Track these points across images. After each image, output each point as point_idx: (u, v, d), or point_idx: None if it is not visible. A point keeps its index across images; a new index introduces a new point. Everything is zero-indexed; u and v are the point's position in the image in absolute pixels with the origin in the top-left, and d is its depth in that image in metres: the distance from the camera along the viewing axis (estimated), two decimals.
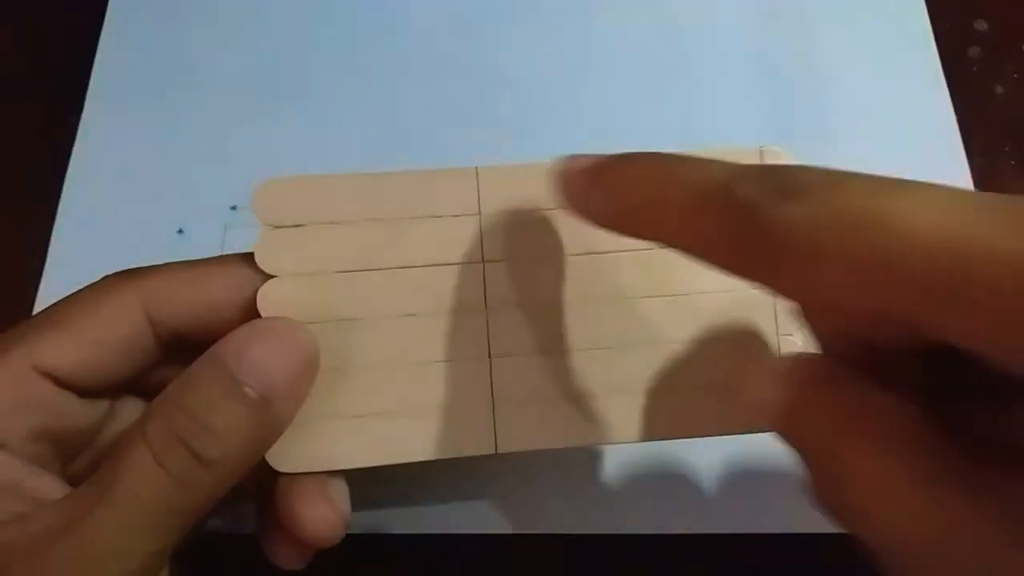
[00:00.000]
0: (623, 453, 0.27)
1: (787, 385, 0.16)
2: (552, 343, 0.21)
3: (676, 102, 0.33)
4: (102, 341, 0.19)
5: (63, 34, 0.35)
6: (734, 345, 0.21)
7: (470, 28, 0.34)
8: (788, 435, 0.16)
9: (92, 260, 0.22)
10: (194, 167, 0.32)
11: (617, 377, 0.21)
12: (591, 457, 0.27)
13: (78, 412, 0.19)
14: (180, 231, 0.30)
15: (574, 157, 0.19)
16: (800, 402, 0.16)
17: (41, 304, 0.29)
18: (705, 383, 0.21)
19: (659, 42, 0.34)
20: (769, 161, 0.21)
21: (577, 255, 0.21)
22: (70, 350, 0.18)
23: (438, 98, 0.33)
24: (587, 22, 0.34)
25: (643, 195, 0.17)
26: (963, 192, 0.13)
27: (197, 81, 0.33)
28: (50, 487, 0.18)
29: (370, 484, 0.21)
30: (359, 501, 0.21)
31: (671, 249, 0.16)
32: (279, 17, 0.34)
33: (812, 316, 0.17)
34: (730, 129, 0.32)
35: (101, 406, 0.20)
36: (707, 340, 0.21)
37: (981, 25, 0.34)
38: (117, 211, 0.31)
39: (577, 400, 0.21)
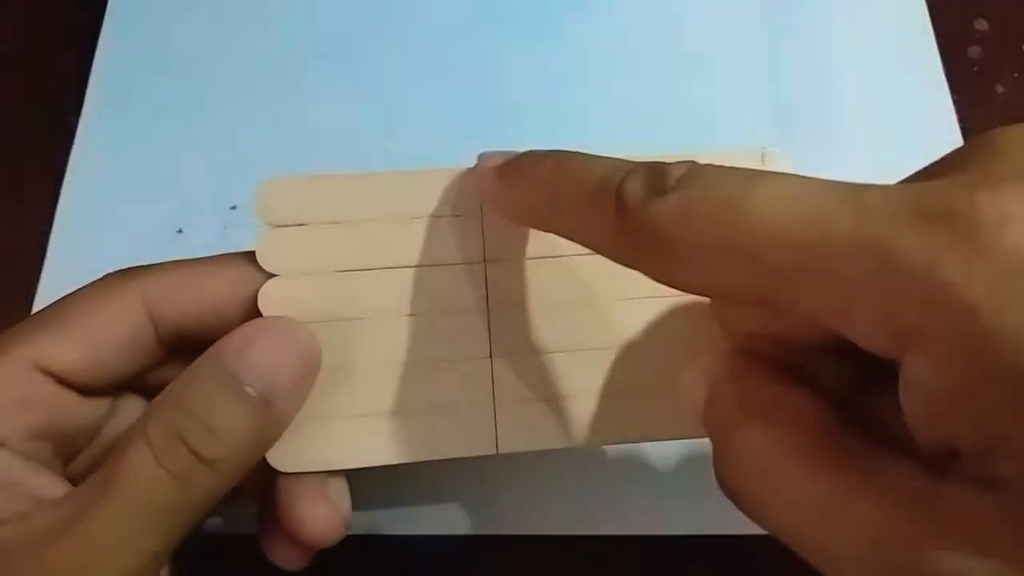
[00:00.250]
0: (624, 453, 0.27)
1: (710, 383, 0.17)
2: (554, 343, 0.21)
3: (677, 102, 0.33)
4: (103, 340, 0.19)
5: (63, 34, 0.35)
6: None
7: (471, 27, 0.34)
8: (705, 427, 0.17)
9: (92, 260, 0.22)
10: (194, 167, 0.31)
11: (620, 377, 0.21)
12: (591, 457, 0.27)
13: (79, 411, 0.19)
14: (180, 231, 0.30)
15: (487, 154, 0.19)
16: (712, 396, 0.17)
17: (41, 304, 0.29)
18: None
19: (660, 42, 0.34)
20: (770, 164, 0.21)
21: (580, 255, 0.21)
22: (71, 349, 0.18)
23: (439, 98, 0.33)
24: (589, 22, 0.34)
25: (541, 193, 0.18)
26: (814, 180, 0.13)
27: (197, 81, 0.33)
28: (50, 486, 0.18)
29: (370, 484, 0.21)
30: (359, 501, 0.21)
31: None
32: (279, 17, 0.34)
33: (724, 315, 0.18)
34: (731, 129, 0.32)
35: (102, 405, 0.20)
36: (707, 340, 0.21)
37: (981, 25, 0.34)
38: (117, 211, 0.31)
39: (579, 400, 0.20)
